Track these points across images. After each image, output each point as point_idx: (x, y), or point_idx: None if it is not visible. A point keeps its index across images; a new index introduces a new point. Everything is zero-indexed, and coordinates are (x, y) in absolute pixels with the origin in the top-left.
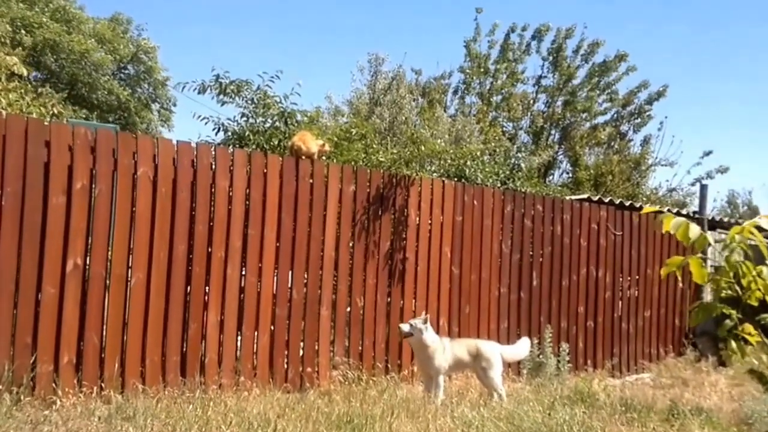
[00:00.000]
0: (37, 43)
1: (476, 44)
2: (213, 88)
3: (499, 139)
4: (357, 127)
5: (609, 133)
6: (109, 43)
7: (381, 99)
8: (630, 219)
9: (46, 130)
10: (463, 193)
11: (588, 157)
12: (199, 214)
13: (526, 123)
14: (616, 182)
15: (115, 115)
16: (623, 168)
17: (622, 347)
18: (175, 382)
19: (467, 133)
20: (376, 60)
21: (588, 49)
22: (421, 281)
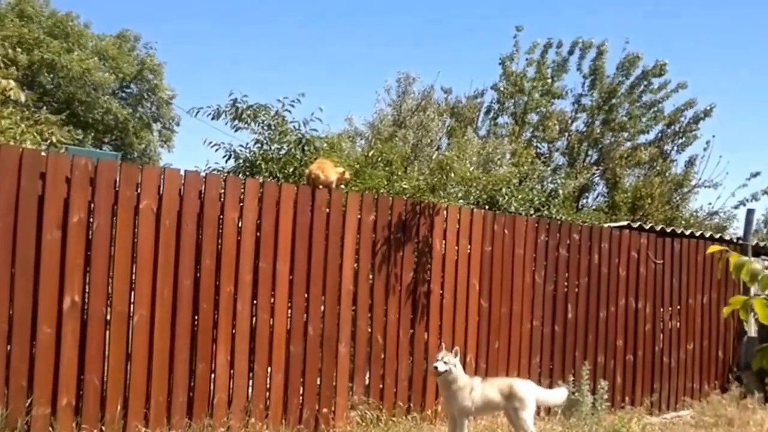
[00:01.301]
0: (34, 62)
1: (513, 63)
2: (228, 113)
3: (532, 162)
4: (383, 152)
5: (651, 153)
6: (112, 60)
7: (407, 120)
8: (671, 246)
9: (42, 161)
10: (493, 222)
11: (627, 179)
12: (207, 247)
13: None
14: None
15: (111, 135)
16: (664, 190)
17: (663, 382)
18: (180, 424)
19: (498, 155)
20: (406, 79)
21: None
22: (447, 315)
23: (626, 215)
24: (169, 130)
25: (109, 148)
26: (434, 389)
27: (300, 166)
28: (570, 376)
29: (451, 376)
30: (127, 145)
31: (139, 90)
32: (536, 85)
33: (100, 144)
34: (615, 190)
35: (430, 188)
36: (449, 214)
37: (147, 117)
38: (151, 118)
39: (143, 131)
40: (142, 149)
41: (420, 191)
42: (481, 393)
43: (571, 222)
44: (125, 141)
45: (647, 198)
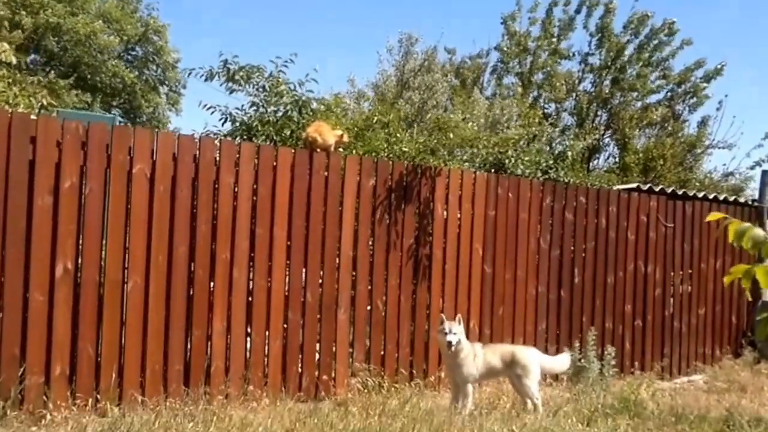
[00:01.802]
0: (39, 25)
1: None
2: (221, 74)
3: (540, 123)
4: (380, 114)
5: (662, 113)
6: (116, 23)
7: (410, 81)
8: (683, 209)
9: (32, 125)
10: (497, 185)
11: (638, 140)
12: (202, 213)
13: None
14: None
15: (119, 98)
16: (676, 151)
17: (673, 348)
18: (177, 392)
19: (505, 117)
20: (408, 40)
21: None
22: (450, 281)
23: (638, 177)
24: (176, 93)
25: (119, 112)
26: (437, 356)
27: (297, 129)
28: (577, 343)
29: (460, 345)
30: (135, 108)
31: (144, 53)
32: (541, 44)
33: (108, 107)
34: (626, 152)
35: (430, 150)
36: (451, 177)
37: (153, 80)
38: (158, 81)
39: (150, 94)
40: (150, 112)
41: (420, 154)
42: (483, 360)
43: (578, 185)
44: (133, 104)
45: (659, 159)
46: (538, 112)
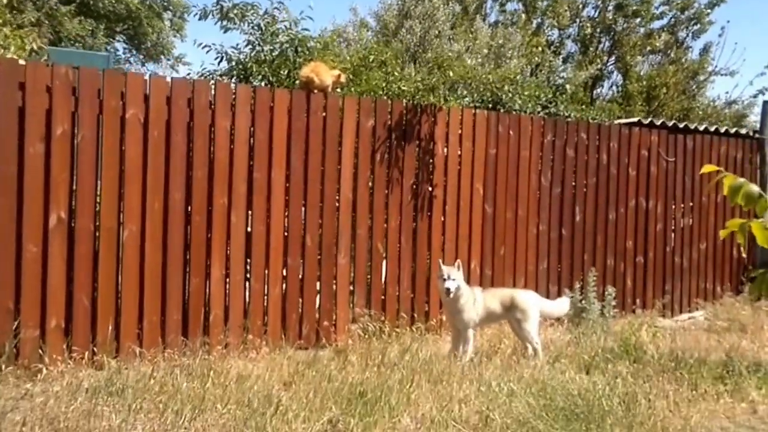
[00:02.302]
0: None
1: None
2: (214, 13)
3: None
4: (376, 53)
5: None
6: None
7: (411, 10)
8: (684, 143)
9: (21, 71)
10: (497, 123)
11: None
12: (198, 158)
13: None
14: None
15: (124, 24)
16: (679, 79)
17: (674, 284)
18: (175, 343)
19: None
20: None
21: None
22: (450, 222)
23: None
24: (180, 19)
25: (123, 38)
26: (438, 299)
27: (294, 69)
28: (578, 282)
29: (459, 292)
30: (140, 35)
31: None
32: None
33: (113, 34)
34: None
35: (429, 89)
36: (451, 116)
37: (157, 6)
38: (162, 7)
39: (154, 20)
40: (154, 39)
41: (419, 92)
42: (483, 304)
43: (578, 121)
44: (138, 31)
45: (662, 88)
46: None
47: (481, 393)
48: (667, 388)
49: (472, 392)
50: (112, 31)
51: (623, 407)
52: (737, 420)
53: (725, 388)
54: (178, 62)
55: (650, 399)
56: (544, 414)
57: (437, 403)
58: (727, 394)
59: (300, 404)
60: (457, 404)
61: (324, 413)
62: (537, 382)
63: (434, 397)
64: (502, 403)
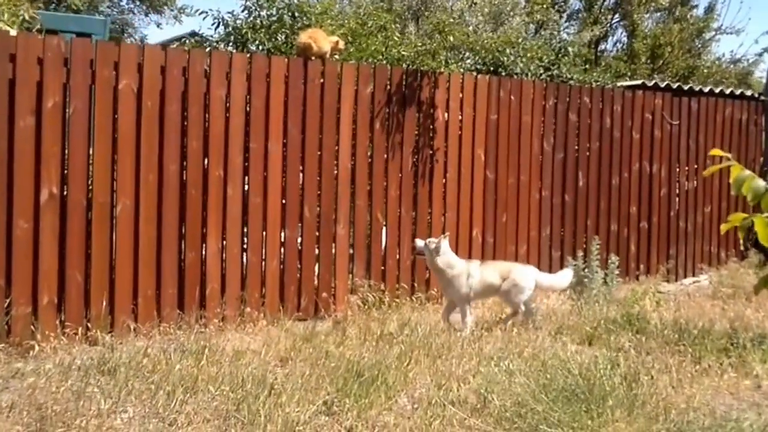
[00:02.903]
0: None
1: None
2: None
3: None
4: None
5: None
6: None
7: None
8: (688, 105)
9: (11, 42)
10: (499, 88)
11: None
12: (193, 129)
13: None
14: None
15: None
16: (684, 37)
17: (679, 248)
18: (171, 317)
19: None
20: None
21: None
22: (451, 189)
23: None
24: None
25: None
26: None
27: (291, 35)
28: (582, 248)
29: (430, 260)
30: None
31: None
32: None
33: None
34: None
35: (430, 53)
36: (452, 81)
37: None
38: None
39: None
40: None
41: (419, 57)
42: (480, 278)
43: (581, 85)
44: None
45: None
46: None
47: (480, 371)
48: (670, 362)
49: (472, 369)
50: None
51: (625, 386)
52: (741, 396)
53: (729, 361)
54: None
55: (652, 376)
56: (543, 395)
57: (435, 381)
58: (731, 369)
59: (295, 384)
60: (455, 383)
61: (319, 394)
62: (537, 357)
63: (433, 374)
64: (501, 381)
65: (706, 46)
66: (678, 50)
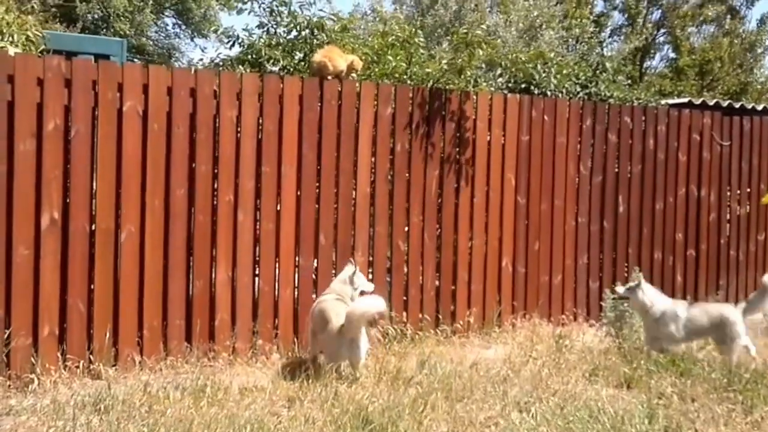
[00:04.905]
0: None
1: None
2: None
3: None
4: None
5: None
6: None
7: None
8: (740, 125)
9: (10, 62)
10: (531, 107)
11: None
12: (201, 152)
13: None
14: (725, 69)
15: (171, 0)
16: (735, 51)
17: (729, 279)
18: (179, 350)
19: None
20: None
21: None
22: (479, 215)
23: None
24: None
25: (172, 13)
26: (465, 299)
27: (310, 52)
28: (622, 279)
29: None
30: (186, 10)
31: None
32: None
33: (161, 9)
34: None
35: (456, 70)
36: (479, 101)
37: None
38: None
39: None
40: (202, 13)
41: (445, 75)
42: None
43: (622, 104)
44: (185, 6)
45: (716, 62)
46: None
47: (502, 420)
48: (717, 411)
49: (494, 416)
50: (161, 7)
51: None
52: None
53: None
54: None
55: (696, 430)
56: None
57: (452, 430)
58: None
59: None
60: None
61: None
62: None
63: (451, 420)
64: None
65: (759, 61)
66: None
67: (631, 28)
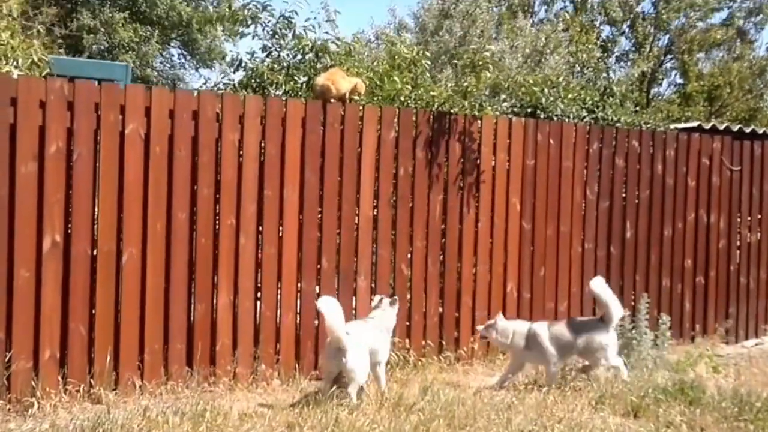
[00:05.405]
0: None
1: None
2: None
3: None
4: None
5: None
6: None
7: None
8: (751, 149)
9: (12, 85)
10: (536, 131)
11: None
12: (204, 175)
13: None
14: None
15: (177, 31)
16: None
17: (740, 306)
18: (179, 374)
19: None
20: None
21: None
22: (483, 240)
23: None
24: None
25: (177, 44)
26: (469, 325)
27: (314, 75)
28: (629, 306)
29: None
30: (192, 41)
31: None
32: None
33: (167, 40)
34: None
35: (461, 94)
36: (484, 124)
37: (210, 12)
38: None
39: (207, 26)
40: (207, 44)
41: (450, 99)
42: None
43: (629, 128)
44: (191, 37)
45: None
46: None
47: None
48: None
49: None
50: (167, 38)
51: None
52: None
53: None
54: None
55: None
56: None
57: None
58: None
59: None
60: None
61: None
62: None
63: None
64: None
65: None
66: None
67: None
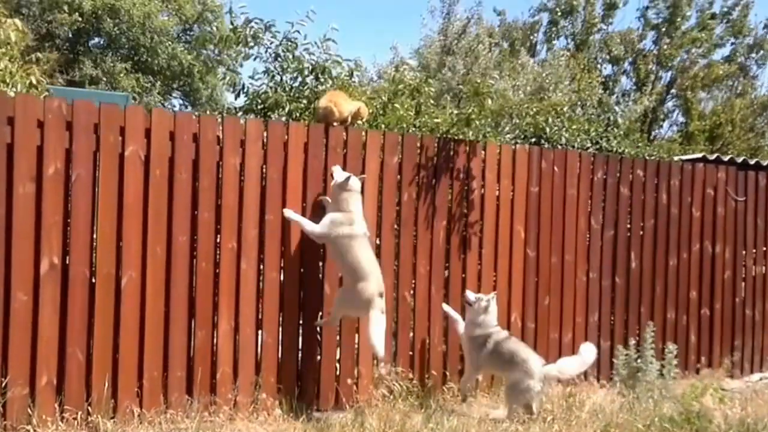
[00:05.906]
0: (98, 7)
1: None
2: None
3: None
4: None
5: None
6: (174, 2)
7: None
8: (755, 180)
9: (10, 104)
10: (540, 158)
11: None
12: (204, 198)
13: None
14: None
15: (179, 81)
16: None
17: (745, 340)
18: (179, 402)
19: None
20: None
21: None
22: (487, 268)
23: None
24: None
25: (179, 94)
26: None
27: (315, 99)
28: (634, 337)
29: None
30: (194, 90)
31: (201, 33)
32: None
33: (169, 90)
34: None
35: (464, 121)
36: (488, 151)
37: (211, 61)
38: (216, 62)
39: (208, 75)
40: (208, 94)
41: (454, 126)
42: None
43: (634, 156)
44: (192, 86)
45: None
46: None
47: None
48: None
49: None
50: (169, 87)
51: None
52: None
53: None
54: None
55: None
56: None
57: None
58: None
59: None
60: None
61: None
62: None
63: None
64: None
65: None
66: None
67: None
